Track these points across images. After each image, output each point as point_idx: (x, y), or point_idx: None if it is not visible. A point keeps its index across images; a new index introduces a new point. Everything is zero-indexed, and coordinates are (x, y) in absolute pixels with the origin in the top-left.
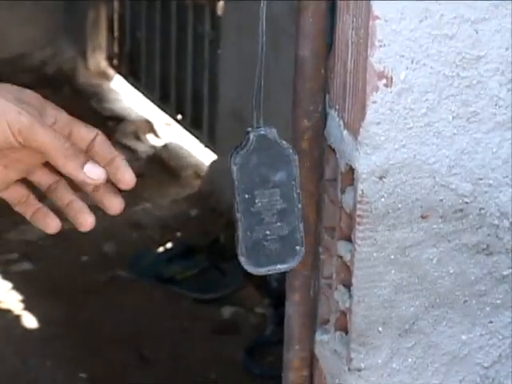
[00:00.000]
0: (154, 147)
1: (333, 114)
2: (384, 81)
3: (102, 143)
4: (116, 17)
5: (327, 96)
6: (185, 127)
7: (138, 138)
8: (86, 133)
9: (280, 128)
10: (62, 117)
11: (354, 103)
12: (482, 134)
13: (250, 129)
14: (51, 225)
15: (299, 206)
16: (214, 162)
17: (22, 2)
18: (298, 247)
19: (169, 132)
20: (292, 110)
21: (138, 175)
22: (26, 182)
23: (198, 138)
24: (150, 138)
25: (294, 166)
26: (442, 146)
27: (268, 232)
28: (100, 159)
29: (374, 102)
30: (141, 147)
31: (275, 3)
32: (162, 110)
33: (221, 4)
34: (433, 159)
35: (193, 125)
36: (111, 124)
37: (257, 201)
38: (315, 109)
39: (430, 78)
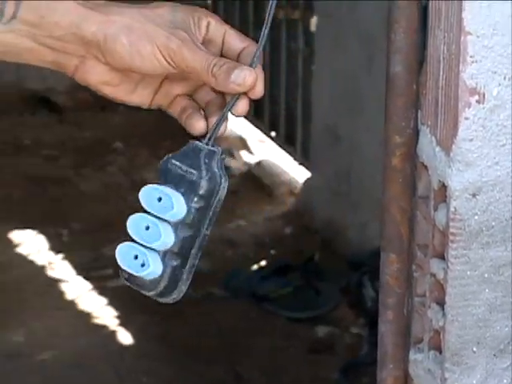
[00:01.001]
0: (247, 164)
1: (425, 130)
2: (476, 97)
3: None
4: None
5: (419, 112)
6: (278, 144)
7: (231, 155)
8: (236, 42)
9: (374, 143)
10: (215, 22)
11: (446, 120)
12: None
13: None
14: (196, 125)
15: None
16: (308, 179)
17: None
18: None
19: (262, 149)
20: (384, 126)
21: (232, 192)
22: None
23: (291, 154)
24: (244, 154)
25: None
26: None
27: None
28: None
29: (467, 119)
30: (234, 164)
31: (369, 20)
32: (256, 126)
33: (314, 20)
34: None
35: (286, 142)
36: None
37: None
38: (407, 125)
39: None
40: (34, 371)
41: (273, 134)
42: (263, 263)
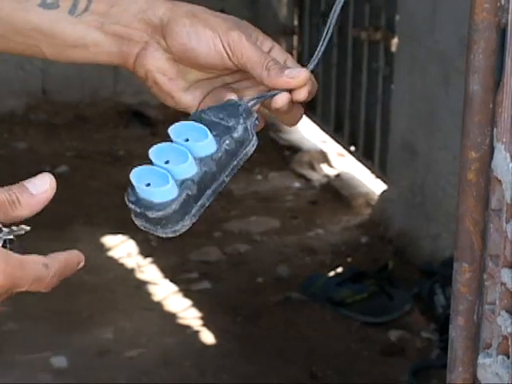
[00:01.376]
0: (327, 176)
1: (500, 146)
2: None
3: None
4: (295, 53)
5: (495, 129)
6: (357, 158)
7: (312, 167)
8: (296, 68)
9: (447, 159)
10: (277, 48)
11: None
12: None
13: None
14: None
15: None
16: (385, 191)
17: None
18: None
19: (342, 162)
20: (461, 141)
21: (312, 202)
22: None
23: (369, 168)
24: (324, 167)
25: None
26: None
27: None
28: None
29: None
30: (315, 176)
31: (446, 42)
32: (336, 141)
33: (395, 41)
34: None
35: (365, 156)
36: (288, 153)
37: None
38: (483, 141)
39: None
40: (121, 367)
41: (352, 148)
42: (339, 270)
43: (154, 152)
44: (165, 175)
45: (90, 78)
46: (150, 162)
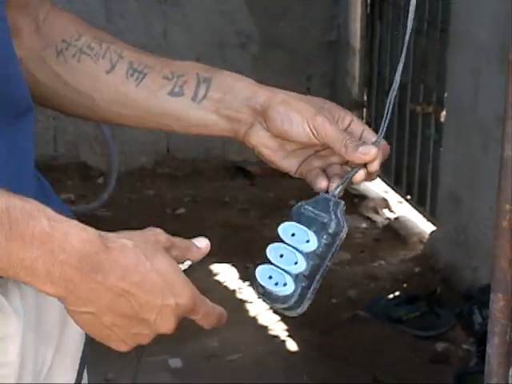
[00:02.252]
0: (388, 219)
1: None
2: None
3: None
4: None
5: None
6: (412, 205)
7: (376, 211)
8: (371, 138)
9: (485, 208)
10: (356, 121)
11: None
12: None
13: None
14: (321, 183)
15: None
16: (434, 231)
17: None
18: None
19: (400, 208)
20: (497, 196)
21: (376, 240)
22: None
23: (422, 213)
24: (386, 212)
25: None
26: None
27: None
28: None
29: None
30: (378, 219)
31: (486, 115)
32: (395, 191)
33: (443, 114)
34: None
35: (419, 203)
36: (357, 200)
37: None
38: None
39: None
40: (224, 369)
41: (408, 197)
42: (397, 294)
43: (270, 252)
44: (282, 275)
45: (205, 140)
46: (267, 260)
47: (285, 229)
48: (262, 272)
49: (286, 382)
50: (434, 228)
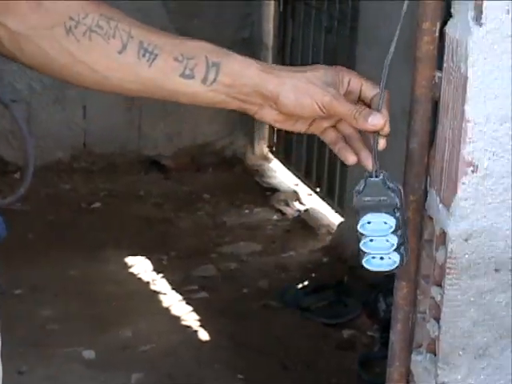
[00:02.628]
0: (298, 211)
1: (432, 191)
2: (471, 168)
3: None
4: None
5: (428, 178)
6: (321, 197)
7: (287, 204)
8: (369, 91)
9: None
10: (353, 78)
11: (448, 184)
12: None
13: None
14: (350, 158)
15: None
16: (342, 223)
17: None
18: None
19: (310, 200)
20: (402, 187)
21: (286, 231)
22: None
23: (330, 205)
24: (296, 204)
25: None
26: None
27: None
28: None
29: (464, 184)
30: (289, 211)
31: (392, 109)
32: (306, 183)
33: None
34: (506, 227)
35: (327, 195)
36: (269, 193)
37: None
38: (419, 187)
39: (506, 166)
40: (137, 360)
41: (318, 189)
42: (306, 283)
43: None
44: (387, 255)
45: (121, 135)
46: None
47: (376, 223)
48: (371, 263)
49: (197, 371)
50: (341, 219)
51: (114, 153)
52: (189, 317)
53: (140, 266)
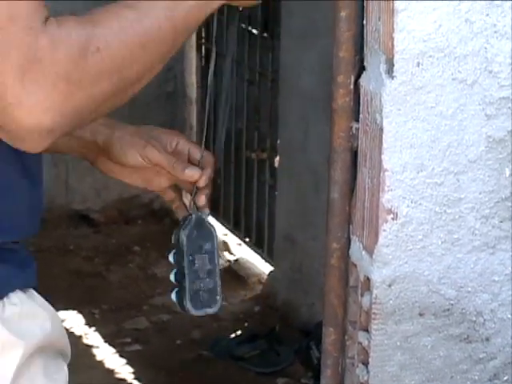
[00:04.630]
0: (229, 261)
1: (355, 239)
2: (391, 215)
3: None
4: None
5: (351, 226)
6: (251, 247)
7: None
8: (196, 153)
9: (319, 247)
10: (182, 141)
11: (370, 231)
12: (463, 254)
13: (191, 212)
14: (181, 215)
15: (219, 267)
16: (271, 272)
17: None
18: (217, 297)
19: (239, 250)
20: (325, 235)
21: None
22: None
23: (260, 255)
24: (226, 254)
25: (215, 239)
26: (433, 263)
27: (202, 285)
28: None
29: (384, 231)
30: (220, 261)
31: (315, 159)
32: (235, 234)
33: (277, 159)
34: (427, 272)
35: (256, 245)
36: None
37: (196, 262)
38: (342, 235)
39: (424, 213)
40: None
41: (247, 239)
42: (239, 332)
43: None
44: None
45: (48, 189)
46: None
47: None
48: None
49: None
50: (271, 268)
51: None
52: (123, 370)
53: (72, 320)
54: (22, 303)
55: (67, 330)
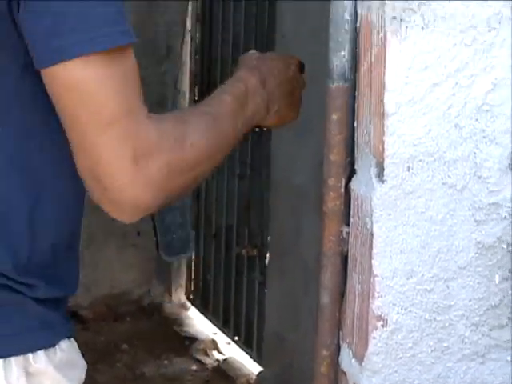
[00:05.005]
0: (217, 360)
1: (345, 345)
2: (381, 322)
3: None
4: (193, 266)
5: (340, 332)
6: (240, 346)
7: (206, 353)
8: None
9: (309, 346)
10: None
11: (360, 338)
12: (453, 363)
13: None
14: None
15: (191, 218)
16: (261, 372)
17: (126, 251)
18: (191, 244)
19: (228, 349)
20: (315, 341)
21: (206, 381)
22: None
23: (249, 354)
24: (215, 353)
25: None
26: (423, 371)
27: (174, 236)
28: None
29: (374, 338)
30: (208, 360)
31: (307, 256)
32: (224, 332)
33: (267, 256)
34: (417, 382)
35: (246, 344)
36: (187, 342)
37: (166, 218)
38: (332, 342)
39: (414, 320)
40: None
41: (236, 338)
42: None
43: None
44: None
45: None
46: None
47: None
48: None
49: None
50: (260, 369)
51: None
52: None
53: None
54: (69, 350)
55: None
